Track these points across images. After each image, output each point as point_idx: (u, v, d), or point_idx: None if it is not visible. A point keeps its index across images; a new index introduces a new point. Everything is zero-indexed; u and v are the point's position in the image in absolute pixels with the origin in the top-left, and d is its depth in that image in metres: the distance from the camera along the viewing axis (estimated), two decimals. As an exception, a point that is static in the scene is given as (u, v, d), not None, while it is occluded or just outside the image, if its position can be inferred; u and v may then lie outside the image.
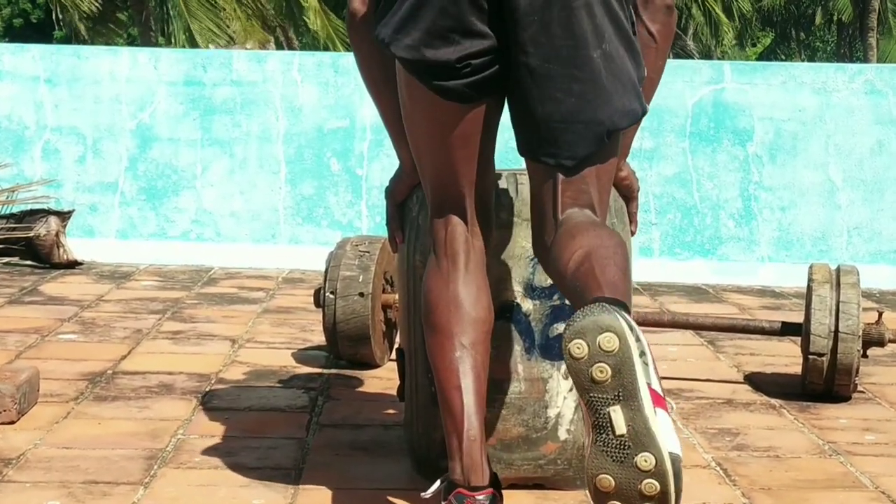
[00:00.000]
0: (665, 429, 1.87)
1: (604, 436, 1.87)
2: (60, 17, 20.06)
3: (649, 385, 1.88)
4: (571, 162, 2.21)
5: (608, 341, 1.87)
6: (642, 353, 1.89)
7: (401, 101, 2.35)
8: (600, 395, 1.87)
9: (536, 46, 2.17)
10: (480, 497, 2.23)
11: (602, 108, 2.18)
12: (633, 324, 1.90)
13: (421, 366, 2.58)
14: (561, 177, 2.22)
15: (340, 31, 20.24)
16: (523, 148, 2.27)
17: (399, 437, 2.97)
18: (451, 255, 2.34)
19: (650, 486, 1.86)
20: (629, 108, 2.21)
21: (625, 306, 1.94)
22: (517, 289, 2.54)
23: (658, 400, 1.89)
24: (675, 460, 1.87)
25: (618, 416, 1.86)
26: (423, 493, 2.30)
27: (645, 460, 1.85)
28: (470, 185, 2.33)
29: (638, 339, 1.89)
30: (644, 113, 2.25)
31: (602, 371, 1.87)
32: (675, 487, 1.86)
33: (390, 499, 2.56)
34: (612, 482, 1.87)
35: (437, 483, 2.28)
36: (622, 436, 1.86)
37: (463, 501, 2.23)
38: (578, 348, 1.88)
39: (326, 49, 19.26)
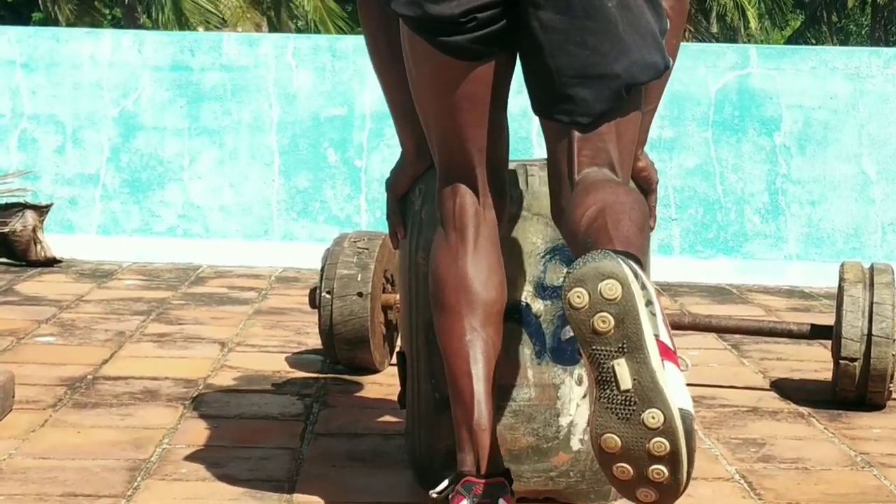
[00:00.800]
0: (674, 383, 1.84)
1: (608, 391, 1.85)
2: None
3: (657, 336, 1.86)
4: (587, 119, 2.19)
5: (610, 289, 1.85)
6: (649, 302, 1.87)
7: (406, 66, 2.35)
8: (603, 348, 1.85)
9: None
10: (489, 483, 2.23)
11: (619, 61, 2.17)
12: (639, 271, 1.88)
13: (423, 370, 2.58)
14: (577, 135, 2.20)
15: (335, 14, 20.23)
16: (537, 106, 2.26)
17: (400, 446, 2.97)
18: (460, 227, 2.34)
19: (659, 444, 1.83)
20: (650, 61, 2.19)
21: (636, 259, 1.91)
22: (527, 288, 2.54)
23: (666, 352, 1.86)
24: (686, 417, 1.84)
25: (622, 369, 1.84)
26: (431, 492, 2.30)
27: (653, 417, 1.83)
28: (480, 152, 2.32)
29: (644, 287, 1.87)
30: (667, 67, 2.22)
31: (604, 321, 1.85)
32: (686, 447, 1.84)
33: (390, 513, 2.58)
34: (618, 442, 1.85)
35: (446, 482, 2.28)
36: (627, 391, 1.84)
37: (471, 489, 2.23)
38: (578, 297, 1.86)
39: (318, 32, 19.26)
